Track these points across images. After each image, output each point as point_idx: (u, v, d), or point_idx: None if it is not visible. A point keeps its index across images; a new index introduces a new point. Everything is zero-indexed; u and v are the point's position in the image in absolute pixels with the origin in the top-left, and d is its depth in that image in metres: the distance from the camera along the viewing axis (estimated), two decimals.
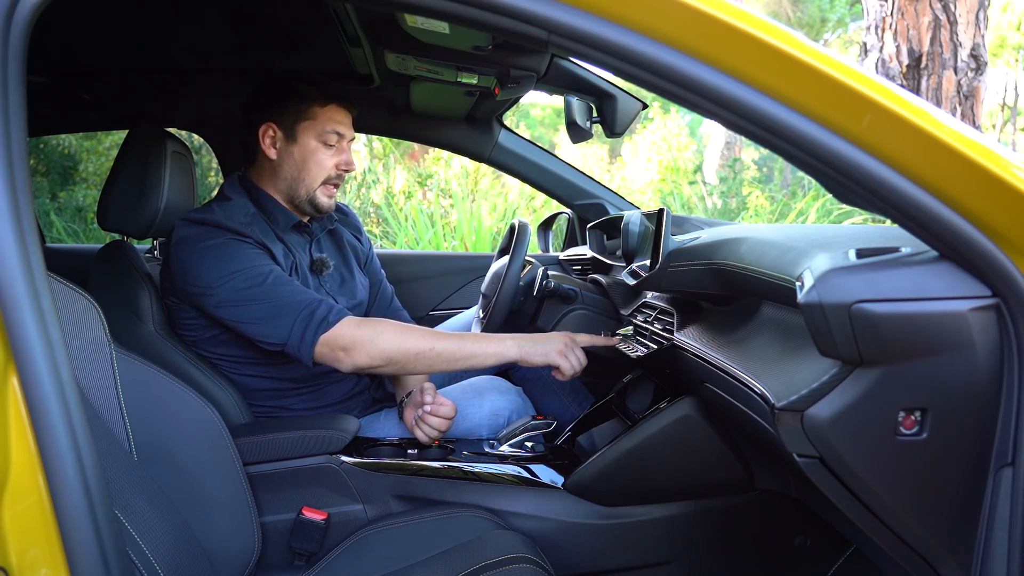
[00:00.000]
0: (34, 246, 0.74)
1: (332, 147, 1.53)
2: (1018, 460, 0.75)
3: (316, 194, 1.54)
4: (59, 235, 5.95)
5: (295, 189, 1.54)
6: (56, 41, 1.66)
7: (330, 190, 1.56)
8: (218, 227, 1.41)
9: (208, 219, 1.42)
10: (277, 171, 1.54)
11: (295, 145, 1.52)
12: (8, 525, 0.71)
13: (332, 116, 1.52)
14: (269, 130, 1.52)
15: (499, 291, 1.66)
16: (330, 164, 1.53)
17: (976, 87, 3.99)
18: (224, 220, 1.42)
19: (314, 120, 1.51)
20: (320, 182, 1.53)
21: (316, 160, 1.52)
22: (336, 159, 1.54)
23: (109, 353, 1.07)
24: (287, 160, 1.53)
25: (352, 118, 1.57)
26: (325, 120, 1.51)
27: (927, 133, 0.74)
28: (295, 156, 1.52)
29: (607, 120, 1.88)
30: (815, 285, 0.77)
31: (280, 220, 1.54)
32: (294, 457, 1.38)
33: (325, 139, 1.52)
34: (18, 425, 0.72)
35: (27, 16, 0.73)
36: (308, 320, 1.35)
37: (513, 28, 0.77)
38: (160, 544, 0.99)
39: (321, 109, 1.51)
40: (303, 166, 1.52)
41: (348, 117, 1.56)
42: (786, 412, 0.85)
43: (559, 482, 1.41)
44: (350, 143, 1.58)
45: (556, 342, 1.43)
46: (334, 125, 1.52)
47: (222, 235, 1.40)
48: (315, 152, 1.52)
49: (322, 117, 1.51)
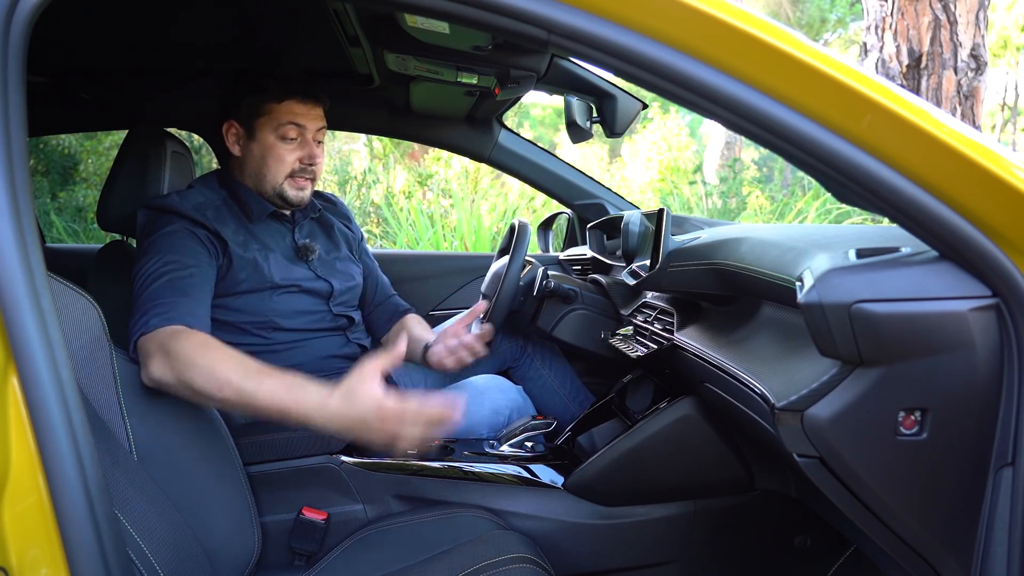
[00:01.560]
0: (34, 246, 0.74)
1: (293, 140, 1.51)
2: (1018, 460, 0.75)
3: (283, 188, 1.53)
4: (59, 235, 5.95)
5: (261, 184, 1.54)
6: (56, 41, 1.66)
7: (299, 183, 1.55)
8: (169, 211, 1.42)
9: (159, 204, 1.44)
10: (243, 167, 1.55)
11: (254, 142, 1.52)
12: (8, 525, 0.71)
13: (289, 110, 1.50)
14: (231, 128, 1.53)
15: (499, 291, 1.66)
16: (291, 159, 1.52)
17: (976, 87, 3.99)
18: (177, 205, 1.42)
19: (270, 116, 1.50)
20: (284, 177, 1.53)
21: (275, 156, 1.51)
22: (298, 153, 1.52)
23: (109, 353, 1.07)
24: (249, 157, 1.54)
25: (320, 111, 1.54)
26: (281, 114, 1.49)
27: (927, 133, 0.74)
28: (255, 153, 1.53)
29: (607, 120, 1.88)
30: (815, 285, 0.77)
31: (254, 210, 1.54)
32: (294, 457, 1.38)
33: (283, 134, 1.50)
34: (18, 425, 0.72)
35: (27, 16, 0.73)
36: (147, 312, 1.22)
37: (513, 28, 0.77)
38: (160, 544, 0.99)
39: (277, 104, 1.49)
40: (263, 162, 1.52)
41: (312, 110, 1.53)
42: (786, 412, 0.85)
43: (559, 482, 1.41)
44: (317, 134, 1.54)
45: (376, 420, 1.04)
46: (291, 118, 1.50)
47: (170, 221, 1.40)
48: (273, 148, 1.51)
49: (278, 112, 1.50)
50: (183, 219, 1.41)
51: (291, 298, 1.52)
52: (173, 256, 1.35)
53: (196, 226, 1.42)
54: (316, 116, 1.54)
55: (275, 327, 1.50)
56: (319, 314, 1.57)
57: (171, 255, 1.35)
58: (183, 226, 1.40)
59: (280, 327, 1.51)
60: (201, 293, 1.34)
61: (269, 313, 1.49)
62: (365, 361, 1.07)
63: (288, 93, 1.50)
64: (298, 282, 1.53)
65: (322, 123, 1.55)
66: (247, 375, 1.12)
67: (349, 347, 1.61)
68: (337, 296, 1.60)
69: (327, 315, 1.58)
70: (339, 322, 1.61)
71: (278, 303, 1.50)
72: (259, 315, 1.49)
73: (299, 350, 1.53)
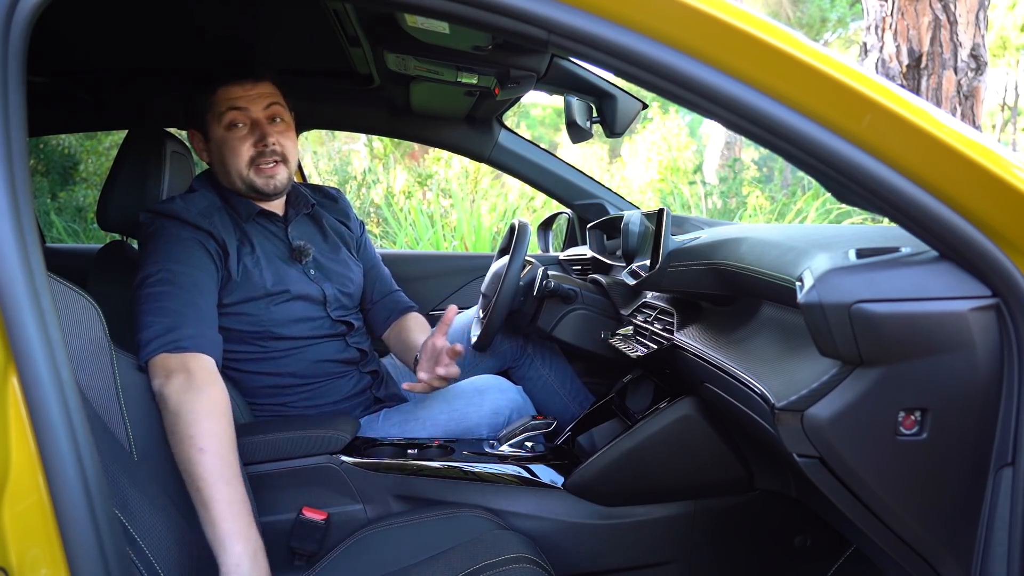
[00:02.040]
0: (34, 246, 0.74)
1: (241, 126, 1.46)
2: (1018, 460, 0.75)
3: (250, 179, 1.48)
4: (59, 235, 5.95)
5: (232, 182, 1.50)
6: (56, 41, 1.66)
7: (264, 170, 1.48)
8: (174, 218, 1.41)
9: (165, 210, 1.43)
10: (216, 171, 1.53)
11: (211, 142, 1.49)
12: (8, 525, 0.71)
13: (226, 96, 1.45)
14: (195, 136, 1.51)
15: (499, 291, 1.65)
16: (245, 147, 1.46)
17: (976, 87, 3.99)
18: (182, 211, 1.42)
19: (212, 109, 1.46)
20: (245, 167, 1.47)
21: (229, 148, 1.47)
22: (250, 139, 1.47)
23: (109, 353, 1.07)
24: (215, 159, 1.51)
25: (263, 87, 1.47)
26: (219, 103, 1.45)
27: (927, 133, 0.74)
28: (215, 152, 1.49)
29: (607, 120, 1.88)
30: (815, 285, 0.77)
31: (243, 211, 1.52)
32: (294, 457, 1.38)
33: (228, 121, 1.45)
34: (18, 425, 0.72)
35: (27, 16, 0.73)
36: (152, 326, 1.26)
37: (513, 28, 0.77)
38: (160, 544, 0.99)
39: (213, 96, 1.45)
40: (222, 158, 1.48)
41: (250, 89, 1.45)
42: (786, 412, 0.85)
43: (559, 482, 1.41)
44: (268, 112, 1.47)
45: None
46: (229, 103, 1.44)
47: (176, 226, 1.40)
48: (225, 140, 1.46)
49: (216, 102, 1.45)
50: (187, 225, 1.41)
51: (288, 306, 1.50)
52: (179, 267, 1.35)
53: (200, 232, 1.41)
54: (258, 95, 1.46)
55: (273, 336, 1.49)
56: (318, 321, 1.55)
57: (176, 264, 1.35)
58: (189, 234, 1.39)
59: (278, 336, 1.50)
60: (207, 304, 1.37)
61: (267, 323, 1.48)
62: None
63: (220, 80, 1.45)
64: (289, 286, 1.50)
65: (269, 99, 1.48)
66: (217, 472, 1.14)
67: (348, 352, 1.60)
68: (333, 302, 1.58)
69: (326, 321, 1.57)
70: (338, 328, 1.59)
71: (275, 312, 1.48)
72: (256, 324, 1.47)
73: (297, 356, 1.52)
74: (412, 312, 1.80)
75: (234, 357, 1.48)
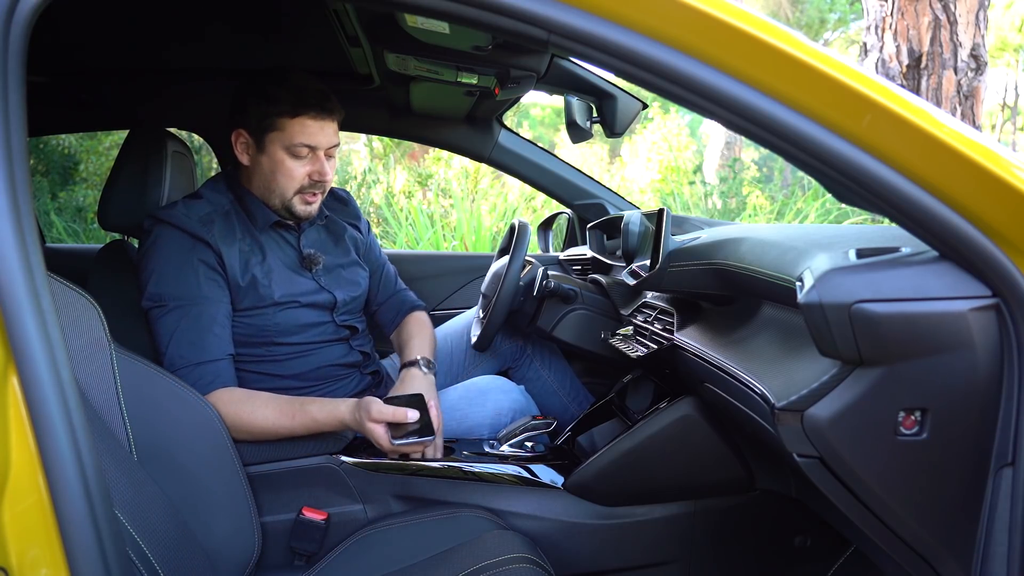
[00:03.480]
0: (34, 246, 0.74)
1: (304, 158, 1.45)
2: (1018, 460, 0.75)
3: (291, 204, 1.49)
4: (59, 235, 5.95)
5: (268, 197, 1.50)
6: (56, 41, 1.66)
7: (308, 198, 1.49)
8: (172, 225, 1.41)
9: (165, 216, 1.42)
10: (252, 177, 1.51)
11: (264, 155, 1.46)
12: (8, 525, 0.71)
13: (303, 128, 1.42)
14: (241, 136, 1.47)
15: (499, 291, 1.66)
16: (300, 174, 1.46)
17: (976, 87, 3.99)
18: (182, 219, 1.41)
19: (282, 132, 1.42)
20: (293, 192, 1.47)
21: (284, 171, 1.45)
22: (308, 169, 1.46)
23: (109, 353, 1.07)
24: (257, 169, 1.48)
25: (334, 125, 1.47)
26: (294, 132, 1.42)
27: (927, 133, 0.74)
28: (264, 166, 1.47)
29: (607, 120, 1.88)
30: (815, 285, 0.77)
31: (259, 219, 1.51)
32: (294, 457, 1.38)
33: (295, 152, 1.44)
34: (18, 425, 0.72)
35: (27, 16, 0.73)
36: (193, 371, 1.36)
37: (513, 28, 0.77)
38: (160, 544, 0.99)
39: (290, 120, 1.42)
40: (272, 177, 1.46)
41: (326, 126, 1.45)
42: (786, 412, 0.85)
43: (559, 482, 1.41)
44: (330, 151, 1.48)
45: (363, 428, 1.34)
46: (304, 138, 1.42)
47: (175, 236, 1.40)
48: (282, 163, 1.45)
49: (291, 129, 1.42)
50: (185, 235, 1.40)
51: (294, 312, 1.50)
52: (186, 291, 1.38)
53: (199, 244, 1.40)
54: (330, 132, 1.46)
55: (276, 342, 1.49)
56: (323, 326, 1.55)
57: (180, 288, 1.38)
58: (188, 251, 1.40)
59: (282, 342, 1.50)
60: (222, 330, 1.41)
61: (272, 329, 1.48)
62: (380, 406, 1.33)
63: (301, 108, 1.41)
64: (299, 296, 1.50)
65: (336, 140, 1.49)
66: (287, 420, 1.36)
67: (352, 355, 1.60)
68: (341, 307, 1.58)
69: (331, 326, 1.57)
70: (342, 333, 1.59)
71: (281, 319, 1.48)
72: (261, 331, 1.48)
73: (301, 360, 1.52)
74: (417, 311, 1.80)
75: (238, 359, 1.47)
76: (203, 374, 1.36)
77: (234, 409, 1.34)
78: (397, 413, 1.33)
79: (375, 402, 1.33)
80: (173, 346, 1.36)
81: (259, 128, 1.44)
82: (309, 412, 1.37)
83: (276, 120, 1.42)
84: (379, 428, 1.32)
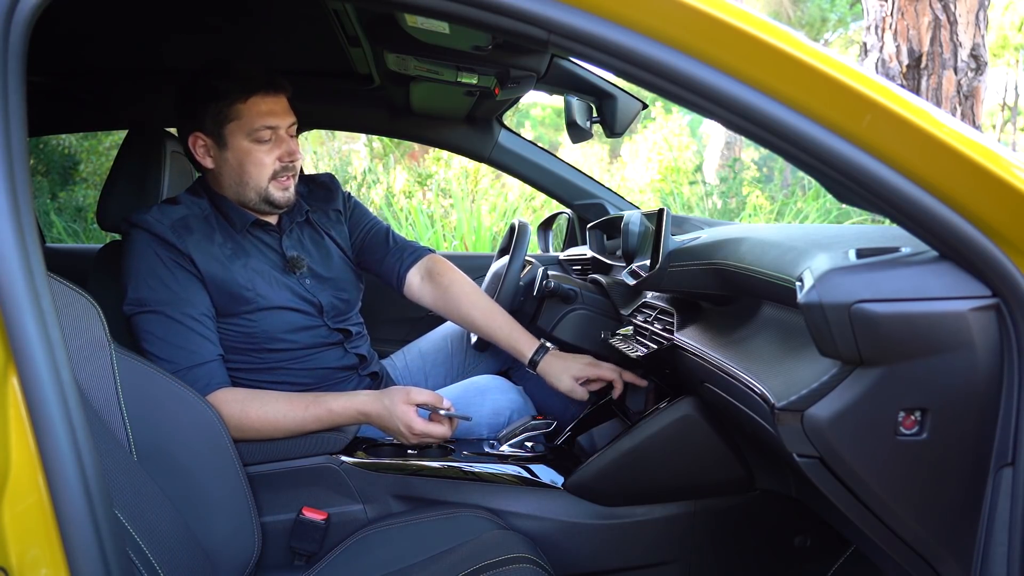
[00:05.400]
0: (34, 246, 0.74)
1: (268, 142, 1.42)
2: (1018, 460, 0.75)
3: (268, 192, 1.46)
4: (59, 235, 5.95)
5: (243, 194, 1.46)
6: (56, 41, 1.66)
7: (283, 183, 1.46)
8: (143, 229, 1.39)
9: (137, 220, 1.40)
10: (220, 178, 1.47)
11: (227, 151, 1.43)
12: (8, 525, 0.71)
13: (258, 109, 1.39)
14: (199, 140, 1.44)
15: (499, 291, 1.66)
16: (270, 160, 1.43)
17: (976, 87, 3.99)
18: (154, 223, 1.38)
19: (240, 119, 1.40)
20: (267, 180, 1.44)
21: (253, 160, 1.42)
22: (276, 152, 1.43)
23: (109, 353, 1.07)
24: (224, 167, 1.45)
25: (285, 102, 1.44)
26: (252, 116, 1.39)
27: (927, 133, 0.74)
28: (231, 162, 1.43)
29: (607, 120, 1.88)
30: (815, 285, 0.77)
31: (236, 222, 1.48)
32: (294, 457, 1.38)
33: (257, 137, 1.41)
34: (18, 425, 0.72)
35: (27, 16, 0.73)
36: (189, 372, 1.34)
37: (513, 28, 0.77)
38: (160, 544, 0.99)
39: (244, 105, 1.39)
40: (242, 170, 1.44)
41: (278, 103, 1.42)
42: (786, 412, 0.85)
43: (559, 482, 1.41)
44: (291, 129, 1.45)
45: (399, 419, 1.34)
46: (263, 119, 1.39)
47: (149, 243, 1.38)
48: (250, 153, 1.42)
49: (247, 114, 1.39)
50: (155, 238, 1.38)
51: (281, 316, 1.47)
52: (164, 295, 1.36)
53: (168, 246, 1.38)
54: (285, 109, 1.44)
55: (267, 349, 1.47)
56: (315, 330, 1.52)
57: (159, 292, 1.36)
58: (162, 253, 1.37)
59: (273, 348, 1.47)
60: (207, 331, 1.39)
61: (260, 335, 1.45)
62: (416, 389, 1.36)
63: (251, 90, 1.39)
64: (284, 303, 1.47)
65: (293, 117, 1.46)
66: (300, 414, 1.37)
67: (347, 358, 1.58)
68: (330, 311, 1.55)
69: (323, 330, 1.54)
70: (335, 337, 1.56)
71: (268, 325, 1.45)
72: (249, 337, 1.45)
73: (296, 365, 1.50)
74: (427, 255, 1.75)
75: (232, 367, 1.45)
76: (198, 377, 1.34)
77: (240, 408, 1.33)
78: (434, 397, 1.36)
79: (406, 387, 1.37)
80: (161, 351, 1.34)
81: (215, 124, 1.41)
82: (324, 403, 1.37)
83: (229, 110, 1.40)
84: (412, 411, 1.33)
